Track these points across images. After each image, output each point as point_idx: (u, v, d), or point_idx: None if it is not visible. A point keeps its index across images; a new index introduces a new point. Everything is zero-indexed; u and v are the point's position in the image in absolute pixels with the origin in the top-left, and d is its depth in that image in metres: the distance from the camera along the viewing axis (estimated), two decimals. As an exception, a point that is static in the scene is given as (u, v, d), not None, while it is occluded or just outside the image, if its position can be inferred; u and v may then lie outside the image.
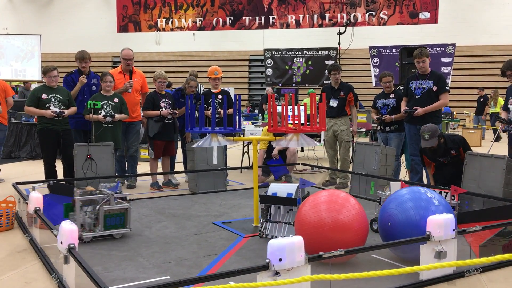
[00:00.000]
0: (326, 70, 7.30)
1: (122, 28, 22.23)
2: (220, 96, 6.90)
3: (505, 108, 5.47)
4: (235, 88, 20.14)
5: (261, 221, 4.40)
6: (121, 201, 4.34)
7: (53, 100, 6.02)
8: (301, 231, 3.56)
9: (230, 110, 6.56)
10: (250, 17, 21.15)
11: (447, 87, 6.22)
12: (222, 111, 6.74)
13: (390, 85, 6.81)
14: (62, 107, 6.04)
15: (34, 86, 16.86)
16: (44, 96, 6.00)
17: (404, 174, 7.02)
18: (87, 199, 4.20)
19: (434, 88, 6.10)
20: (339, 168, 7.31)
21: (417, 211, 3.47)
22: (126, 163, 7.04)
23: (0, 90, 7.15)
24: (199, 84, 9.91)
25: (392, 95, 6.76)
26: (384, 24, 19.85)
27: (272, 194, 4.36)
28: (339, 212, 3.54)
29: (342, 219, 3.50)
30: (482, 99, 15.84)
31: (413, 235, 3.32)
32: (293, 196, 4.24)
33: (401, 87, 7.44)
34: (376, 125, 6.83)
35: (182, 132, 7.28)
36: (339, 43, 9.53)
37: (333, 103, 7.04)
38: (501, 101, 14.35)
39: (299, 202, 4.13)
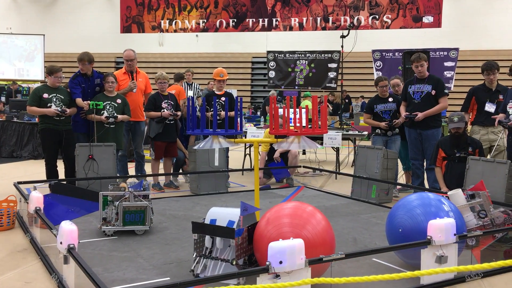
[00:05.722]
0: (485, 70, 5.97)
1: (126, 29, 22.28)
2: (223, 98, 6.91)
3: (503, 110, 5.41)
4: (237, 90, 20.14)
5: (194, 255, 3.44)
6: (141, 199, 4.45)
7: (54, 99, 6.03)
8: (261, 246, 3.16)
9: (232, 113, 6.56)
10: (254, 19, 21.18)
11: (446, 91, 6.22)
12: (222, 112, 6.75)
13: (387, 89, 6.80)
14: (63, 106, 6.05)
15: (25, 86, 16.93)
16: (45, 95, 6.01)
17: (400, 176, 7.02)
18: (114, 195, 4.44)
19: (433, 92, 6.10)
20: None
21: (426, 217, 3.41)
22: (135, 162, 7.14)
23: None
24: (197, 84, 9.96)
25: (390, 99, 6.74)
26: (388, 27, 19.85)
27: (210, 222, 3.45)
28: (303, 227, 3.09)
29: (305, 235, 3.04)
30: None
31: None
32: (234, 226, 3.34)
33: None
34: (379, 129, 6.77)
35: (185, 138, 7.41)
36: (342, 46, 9.52)
37: (490, 107, 5.86)
38: None
39: (239, 234, 3.26)
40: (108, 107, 6.25)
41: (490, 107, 5.86)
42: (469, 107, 6.16)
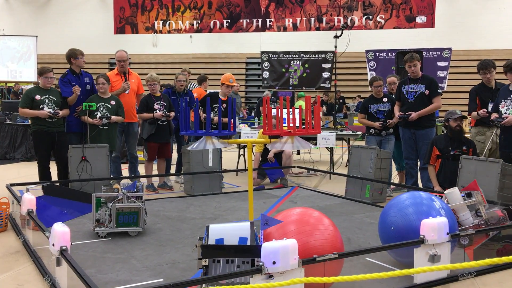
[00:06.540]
0: (481, 69, 5.85)
1: (119, 30, 22.21)
2: (224, 105, 6.89)
3: (495, 109, 5.41)
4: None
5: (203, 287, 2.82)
6: (135, 200, 4.44)
7: (46, 101, 6.00)
8: None
9: (225, 119, 6.52)
10: (247, 20, 21.16)
11: (440, 90, 6.24)
12: (216, 118, 6.72)
13: (381, 89, 6.81)
14: (55, 108, 6.02)
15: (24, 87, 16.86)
16: (37, 97, 5.98)
17: (394, 176, 7.03)
18: (107, 196, 4.42)
19: (427, 92, 6.12)
20: None
21: (418, 216, 3.42)
22: (128, 164, 7.10)
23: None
24: (191, 80, 9.88)
25: (385, 99, 6.75)
26: (381, 28, 19.90)
27: (216, 242, 2.93)
28: (310, 234, 3.02)
29: (313, 243, 2.99)
30: None
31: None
32: (248, 242, 2.93)
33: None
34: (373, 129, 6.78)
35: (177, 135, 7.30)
36: (335, 47, 9.52)
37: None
38: None
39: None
40: (101, 108, 6.23)
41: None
42: (476, 107, 5.85)
